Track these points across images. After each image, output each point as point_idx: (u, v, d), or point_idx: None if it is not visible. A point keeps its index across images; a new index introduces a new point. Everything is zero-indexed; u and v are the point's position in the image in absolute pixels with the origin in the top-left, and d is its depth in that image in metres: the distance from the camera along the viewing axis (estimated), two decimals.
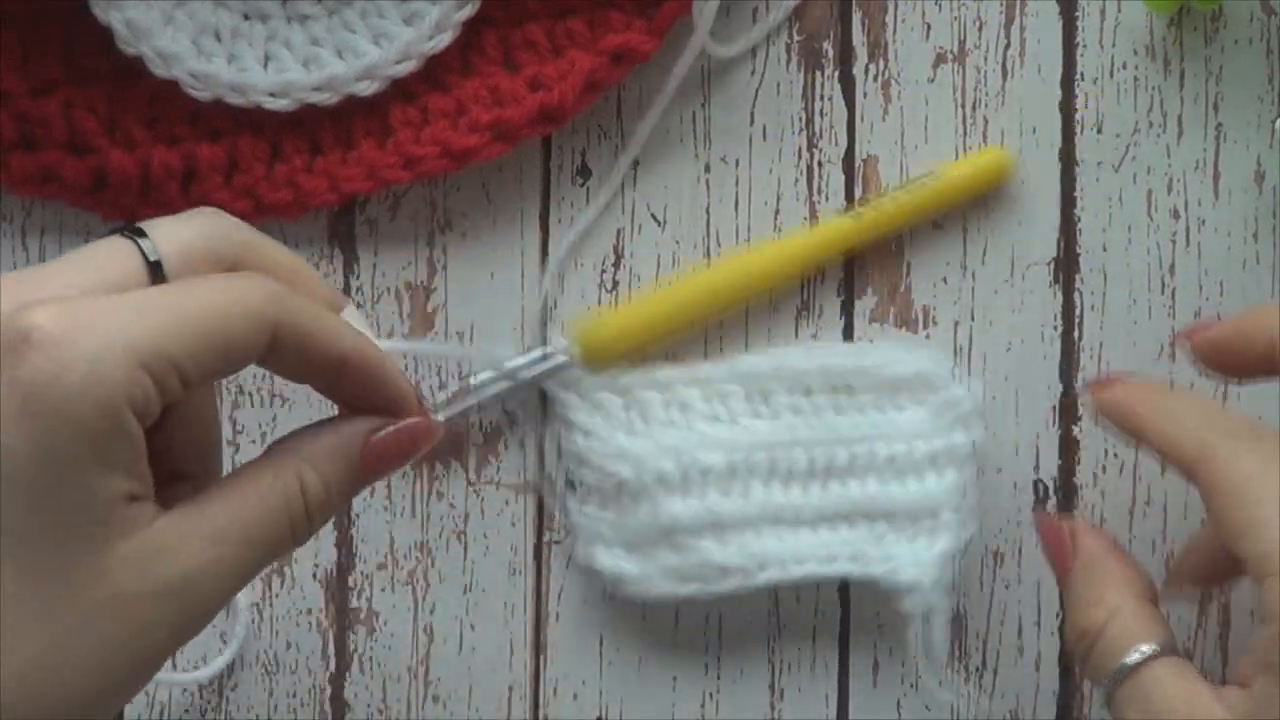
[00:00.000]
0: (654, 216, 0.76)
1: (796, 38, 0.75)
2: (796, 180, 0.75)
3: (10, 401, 0.53)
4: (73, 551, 0.54)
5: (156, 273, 0.57)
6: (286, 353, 0.58)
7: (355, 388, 0.59)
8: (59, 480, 0.53)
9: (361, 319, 0.62)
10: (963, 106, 0.75)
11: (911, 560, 0.72)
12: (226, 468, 0.75)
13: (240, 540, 0.57)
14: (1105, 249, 0.75)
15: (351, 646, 0.75)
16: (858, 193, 0.75)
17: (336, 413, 0.60)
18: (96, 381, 0.53)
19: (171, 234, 0.58)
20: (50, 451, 0.53)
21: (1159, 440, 0.66)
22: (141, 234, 0.58)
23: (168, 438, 0.59)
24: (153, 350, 0.54)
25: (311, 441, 0.59)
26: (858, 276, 0.75)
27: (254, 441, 0.76)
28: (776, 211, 0.75)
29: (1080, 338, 0.75)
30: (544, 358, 0.74)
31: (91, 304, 0.54)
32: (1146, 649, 0.64)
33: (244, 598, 0.75)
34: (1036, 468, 0.75)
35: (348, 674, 0.75)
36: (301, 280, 0.60)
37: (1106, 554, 0.67)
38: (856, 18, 0.75)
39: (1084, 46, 0.75)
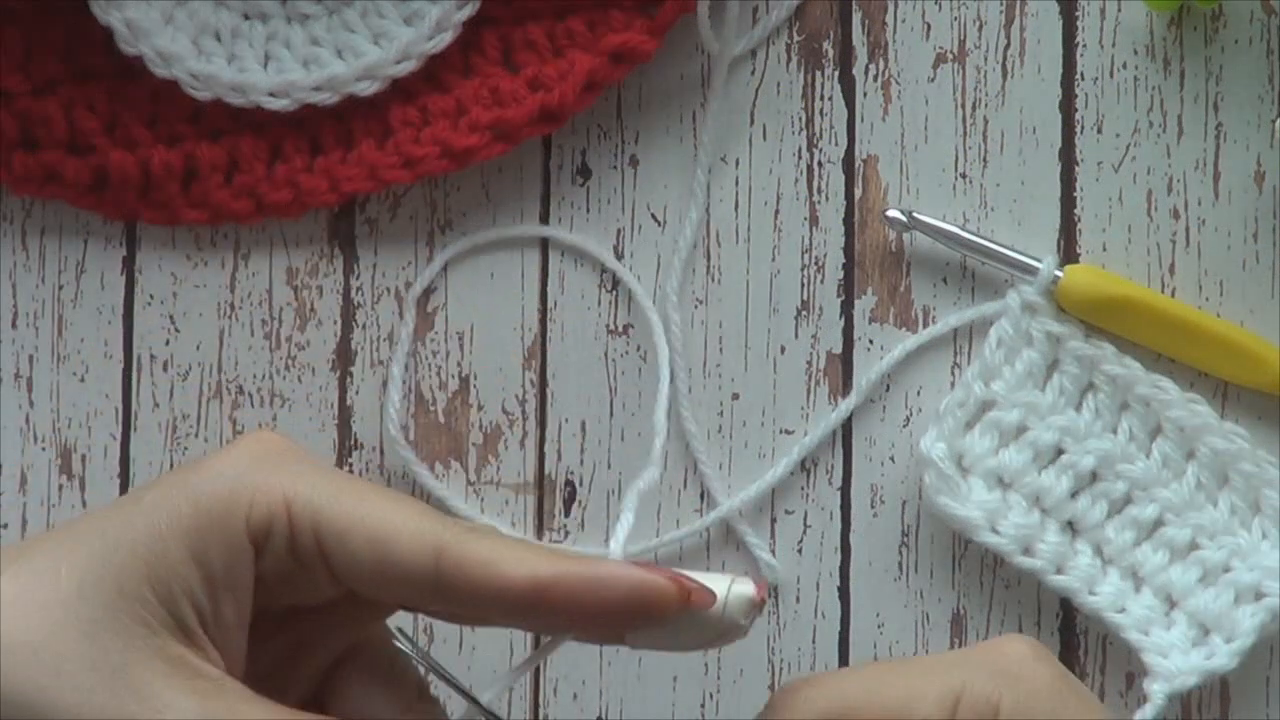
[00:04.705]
0: (654, 216, 0.76)
1: (796, 38, 0.75)
2: (796, 180, 0.75)
3: None
4: None
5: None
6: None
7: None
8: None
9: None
10: (963, 106, 0.75)
11: (1182, 663, 0.72)
12: None
13: None
14: (1105, 249, 0.75)
15: None
16: (858, 193, 0.75)
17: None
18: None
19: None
20: None
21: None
22: None
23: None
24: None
25: None
26: (858, 276, 0.75)
27: None
28: (776, 212, 0.75)
29: None
30: (1026, 266, 0.73)
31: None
32: None
33: None
34: None
35: None
36: None
37: None
38: (856, 18, 0.75)
39: (1084, 46, 0.75)
